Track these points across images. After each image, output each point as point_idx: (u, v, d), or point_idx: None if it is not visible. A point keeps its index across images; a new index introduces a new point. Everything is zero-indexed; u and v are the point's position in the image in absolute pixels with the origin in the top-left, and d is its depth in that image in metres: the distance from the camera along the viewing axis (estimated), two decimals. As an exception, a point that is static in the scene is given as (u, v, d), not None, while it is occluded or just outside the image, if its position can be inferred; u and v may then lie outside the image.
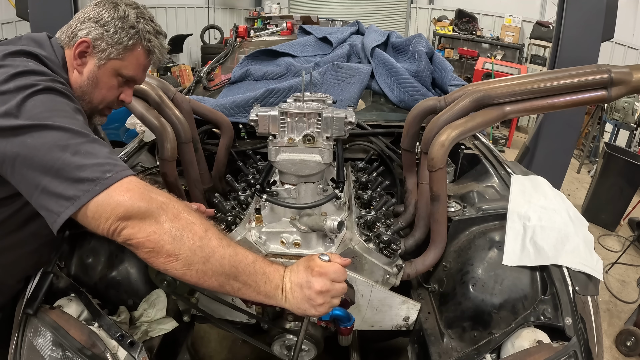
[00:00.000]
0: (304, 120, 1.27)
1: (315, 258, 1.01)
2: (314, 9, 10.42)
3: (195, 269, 0.90)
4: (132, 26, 1.13)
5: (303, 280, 0.97)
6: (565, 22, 2.95)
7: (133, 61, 1.17)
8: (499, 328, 1.25)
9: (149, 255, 0.88)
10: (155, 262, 0.88)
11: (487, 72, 7.11)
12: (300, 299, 0.97)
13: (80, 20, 1.12)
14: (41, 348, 1.09)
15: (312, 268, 0.99)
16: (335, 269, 1.00)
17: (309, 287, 0.97)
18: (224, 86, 2.56)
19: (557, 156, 3.22)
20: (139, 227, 0.87)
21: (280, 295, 0.98)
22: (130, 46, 1.14)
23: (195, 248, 0.89)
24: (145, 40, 1.16)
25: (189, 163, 1.68)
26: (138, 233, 0.87)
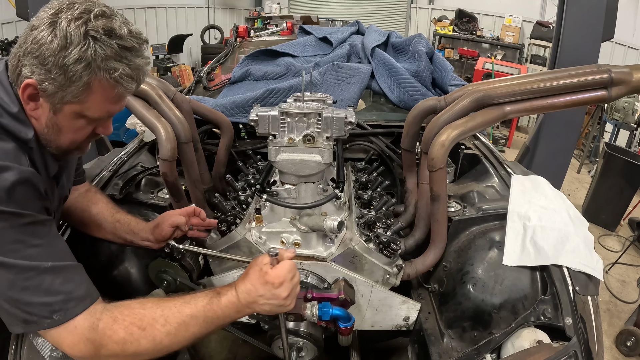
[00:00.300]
0: (304, 120, 1.27)
1: (266, 269, 1.03)
2: (314, 9, 10.41)
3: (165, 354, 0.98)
4: (79, 59, 0.85)
5: (268, 294, 1.02)
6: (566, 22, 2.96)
7: (96, 100, 0.92)
8: (499, 328, 1.25)
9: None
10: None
11: (487, 72, 7.11)
12: (271, 308, 1.04)
13: (22, 50, 0.89)
14: (41, 348, 1.09)
15: (269, 282, 1.02)
16: (289, 267, 1.04)
17: (276, 297, 1.02)
18: (224, 86, 2.55)
19: (557, 156, 3.22)
20: None
21: (245, 313, 1.05)
22: (84, 86, 0.88)
23: (154, 353, 0.96)
24: (103, 72, 0.88)
25: (189, 163, 1.68)
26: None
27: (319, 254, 1.37)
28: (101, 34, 0.87)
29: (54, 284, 0.88)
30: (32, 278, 0.86)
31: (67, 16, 0.86)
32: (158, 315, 0.95)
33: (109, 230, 1.37)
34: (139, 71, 0.95)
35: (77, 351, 0.91)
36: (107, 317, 0.93)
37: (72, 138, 0.99)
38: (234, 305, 1.02)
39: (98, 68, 0.88)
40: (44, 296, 0.87)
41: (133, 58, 0.92)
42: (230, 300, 1.02)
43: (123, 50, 0.90)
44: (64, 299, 0.89)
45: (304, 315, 1.25)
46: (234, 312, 1.02)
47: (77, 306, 0.90)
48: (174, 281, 1.38)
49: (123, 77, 0.91)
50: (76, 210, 1.35)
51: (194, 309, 0.98)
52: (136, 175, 1.72)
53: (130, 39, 0.91)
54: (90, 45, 0.86)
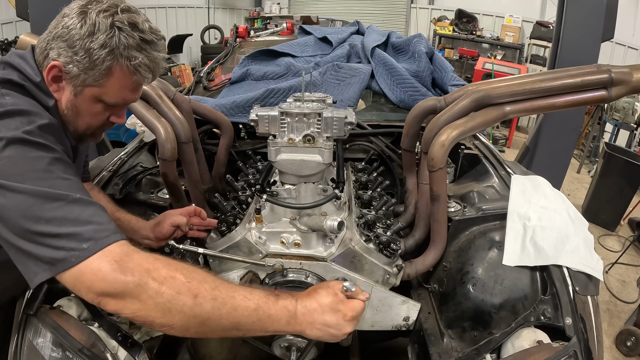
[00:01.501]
0: (304, 120, 1.27)
1: (342, 297, 0.97)
2: (314, 9, 10.42)
3: (194, 331, 0.87)
4: (104, 45, 0.93)
5: (333, 322, 0.95)
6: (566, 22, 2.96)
7: (114, 86, 0.99)
8: (499, 328, 1.25)
9: (144, 325, 0.87)
10: (152, 329, 0.87)
11: (487, 72, 7.11)
12: (322, 334, 0.96)
13: (52, 35, 0.97)
14: (41, 348, 1.09)
15: (342, 312, 0.96)
16: (362, 308, 0.99)
17: (339, 329, 0.96)
18: (224, 86, 2.55)
19: (557, 156, 3.22)
20: (122, 304, 0.83)
21: (292, 330, 0.95)
22: (106, 70, 0.96)
23: (188, 318, 0.84)
24: (124, 59, 0.96)
25: (189, 163, 1.68)
26: (123, 310, 0.83)
27: (319, 254, 1.37)
28: (125, 25, 0.95)
29: (82, 214, 0.83)
30: (61, 207, 0.82)
31: (96, 8, 0.95)
32: (210, 280, 0.88)
33: None
34: (156, 63, 1.02)
35: (100, 278, 0.80)
36: (146, 253, 0.86)
37: (88, 122, 1.05)
38: (288, 313, 0.93)
39: (120, 55, 0.95)
40: (73, 226, 0.81)
41: (151, 51, 1.00)
42: (286, 306, 0.93)
43: (143, 43, 0.98)
44: (95, 228, 0.83)
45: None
46: (285, 320, 0.93)
47: (109, 236, 0.83)
48: (174, 281, 1.37)
49: (141, 66, 0.99)
50: None
51: (248, 294, 0.90)
52: (136, 175, 1.72)
53: (150, 34, 1.00)
54: (116, 34, 0.94)
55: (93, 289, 0.81)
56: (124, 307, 0.83)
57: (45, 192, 0.82)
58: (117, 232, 0.86)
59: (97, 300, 0.83)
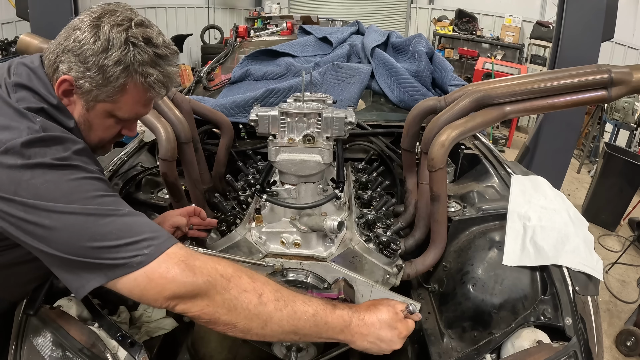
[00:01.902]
0: (304, 120, 1.27)
1: (402, 316, 1.03)
2: (314, 9, 10.42)
3: (255, 333, 0.90)
4: (118, 61, 0.91)
5: (388, 338, 1.00)
6: (565, 22, 2.96)
7: (127, 102, 0.98)
8: (499, 328, 1.25)
9: (207, 324, 0.88)
10: (214, 329, 0.89)
11: (487, 72, 7.11)
12: (370, 345, 1.00)
13: (61, 47, 0.93)
14: (41, 348, 1.09)
15: (399, 330, 1.01)
16: (412, 327, 1.04)
17: (390, 345, 1.00)
18: (224, 86, 2.56)
19: (557, 156, 3.22)
20: (191, 303, 0.86)
21: (343, 338, 0.98)
22: (120, 87, 0.94)
23: (252, 316, 0.88)
24: (139, 76, 0.94)
25: (189, 163, 1.68)
26: (191, 308, 0.86)
27: (319, 254, 1.37)
28: (140, 40, 0.93)
29: (135, 225, 0.85)
30: (114, 222, 0.83)
31: (109, 21, 0.92)
32: (272, 282, 0.92)
33: None
34: (170, 78, 1.00)
35: (170, 280, 0.82)
36: (207, 255, 0.90)
37: (100, 136, 1.03)
38: (344, 322, 0.96)
39: (135, 72, 0.93)
40: (129, 237, 0.83)
41: (166, 66, 0.98)
42: (342, 316, 0.97)
43: (157, 58, 0.96)
44: (152, 235, 0.84)
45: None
46: (339, 328, 0.96)
47: (167, 240, 0.85)
48: (174, 281, 1.37)
49: (156, 83, 0.97)
50: None
51: (307, 300, 0.94)
52: (136, 175, 1.72)
53: (164, 48, 0.98)
54: (130, 50, 0.92)
55: (164, 293, 0.83)
56: (193, 305, 0.86)
57: (96, 209, 0.83)
58: (171, 237, 0.89)
59: (166, 303, 0.85)
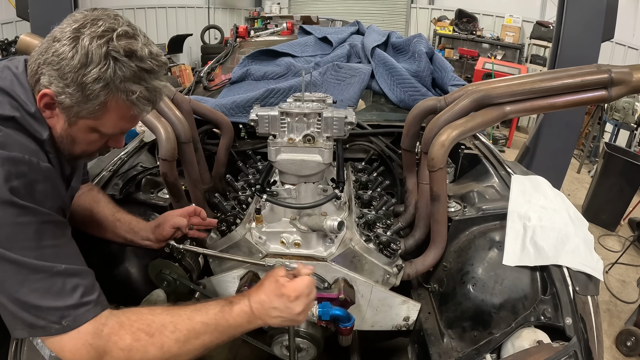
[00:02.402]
0: (304, 120, 1.27)
1: (283, 281, 1.03)
2: (314, 9, 10.42)
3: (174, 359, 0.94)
4: (97, 78, 0.85)
5: (282, 307, 1.01)
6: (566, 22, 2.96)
7: (110, 118, 0.93)
8: (499, 328, 1.25)
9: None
10: None
11: (487, 72, 7.11)
12: (282, 322, 1.03)
13: (42, 59, 0.88)
14: (41, 348, 1.09)
15: (286, 295, 1.01)
16: (307, 283, 1.04)
17: (290, 311, 1.01)
18: (224, 86, 2.55)
19: (557, 156, 3.23)
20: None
21: (255, 326, 1.02)
22: (100, 105, 0.89)
23: (162, 354, 0.92)
24: (121, 93, 0.89)
25: (189, 163, 1.68)
26: None
27: (319, 254, 1.37)
28: (122, 55, 0.87)
29: (65, 288, 0.85)
30: (44, 279, 0.83)
31: (90, 32, 0.86)
32: (167, 322, 0.93)
33: (110, 230, 1.37)
34: (156, 93, 0.95)
35: (78, 358, 0.87)
36: (113, 322, 0.90)
37: (84, 149, 1.01)
38: (246, 315, 1.00)
39: (116, 89, 0.88)
40: (54, 300, 0.84)
41: (151, 80, 0.92)
42: (242, 309, 1.00)
43: (142, 72, 0.90)
44: (76, 304, 0.86)
45: (304, 316, 1.25)
46: (245, 322, 1.00)
47: (88, 312, 0.87)
48: (174, 281, 1.38)
49: (140, 100, 0.91)
50: (78, 208, 1.35)
51: (205, 316, 0.96)
52: (136, 175, 1.72)
53: (150, 61, 0.91)
54: (110, 65, 0.86)
55: (68, 359, 0.88)
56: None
57: (30, 263, 0.82)
58: (97, 303, 0.90)
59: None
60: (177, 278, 1.37)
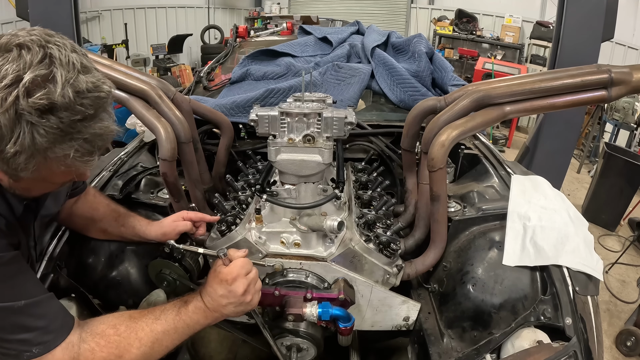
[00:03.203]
0: (304, 120, 1.27)
1: (220, 268, 1.06)
2: (314, 9, 10.41)
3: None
4: (17, 152, 0.71)
5: (225, 292, 1.04)
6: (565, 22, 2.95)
7: (56, 174, 0.82)
8: (499, 328, 1.25)
9: None
10: None
11: (487, 72, 7.12)
12: (235, 308, 1.06)
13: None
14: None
15: (224, 279, 1.04)
16: (241, 264, 1.07)
17: (234, 295, 1.04)
18: (224, 86, 2.55)
19: (557, 156, 3.22)
20: None
21: (213, 320, 1.06)
22: (34, 171, 0.76)
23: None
24: (50, 160, 0.75)
25: (189, 163, 1.68)
26: None
27: (319, 254, 1.37)
28: (36, 116, 0.69)
29: (28, 321, 0.88)
30: (7, 317, 0.85)
31: (7, 62, 0.69)
32: (132, 339, 0.97)
33: (115, 234, 1.39)
34: (100, 138, 0.79)
35: None
36: (85, 350, 0.94)
37: (42, 191, 0.96)
38: (201, 310, 1.04)
39: (44, 157, 0.74)
40: (20, 333, 0.87)
41: (88, 129, 0.75)
42: (196, 306, 1.04)
43: (73, 124, 0.73)
44: (41, 332, 0.89)
45: (304, 315, 1.25)
46: (202, 317, 1.04)
47: (56, 338, 0.91)
48: (174, 281, 1.38)
49: (77, 158, 0.77)
50: (78, 217, 1.35)
51: (164, 324, 1.01)
52: (136, 175, 1.72)
53: (80, 106, 0.72)
54: (26, 132, 0.70)
55: None
56: None
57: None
58: (62, 326, 0.93)
59: None
60: (177, 278, 1.37)
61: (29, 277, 0.94)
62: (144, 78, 1.63)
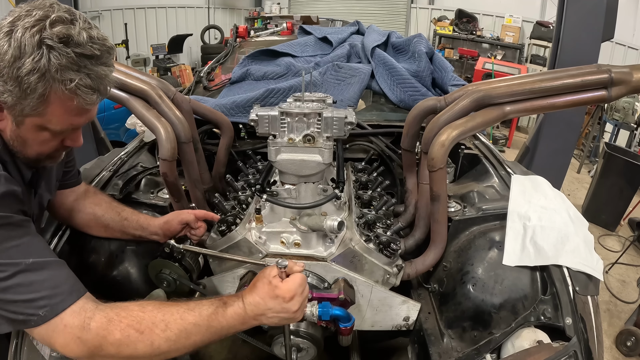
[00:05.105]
0: (304, 120, 1.27)
1: (276, 282, 1.01)
2: (314, 9, 10.41)
3: (164, 356, 0.95)
4: (32, 70, 0.81)
5: (279, 308, 1.00)
6: (566, 22, 2.95)
7: (55, 113, 0.89)
8: (499, 328, 1.25)
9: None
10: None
11: (487, 72, 7.11)
12: (280, 321, 1.02)
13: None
14: (41, 348, 1.09)
15: (280, 296, 0.99)
16: (300, 281, 1.02)
17: (286, 311, 1.00)
18: (224, 86, 2.55)
19: (557, 156, 3.22)
20: None
21: (249, 326, 1.02)
22: (40, 98, 0.85)
23: (152, 357, 0.93)
24: (59, 83, 0.83)
25: (189, 163, 1.68)
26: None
27: (319, 254, 1.37)
28: (56, 42, 0.82)
29: (36, 280, 0.86)
30: (14, 276, 0.84)
31: (23, 24, 0.82)
32: (158, 320, 0.92)
33: (117, 229, 1.38)
34: (101, 80, 0.89)
35: (69, 351, 0.89)
36: (100, 316, 0.90)
37: (38, 150, 0.97)
38: (240, 317, 0.99)
39: (53, 79, 0.83)
40: (27, 293, 0.85)
41: (93, 67, 0.87)
42: (236, 311, 0.99)
43: (81, 59, 0.85)
44: (49, 294, 0.86)
45: (304, 315, 1.25)
46: (239, 323, 0.99)
47: (64, 301, 0.88)
48: (174, 281, 1.38)
49: (80, 88, 0.86)
50: (79, 213, 1.35)
51: (197, 317, 0.95)
52: (136, 175, 1.72)
53: (90, 46, 0.86)
54: (44, 54, 0.82)
55: (66, 355, 0.90)
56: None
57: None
58: (72, 290, 0.90)
59: None
60: (177, 278, 1.37)
61: (38, 241, 0.93)
62: (144, 78, 1.63)
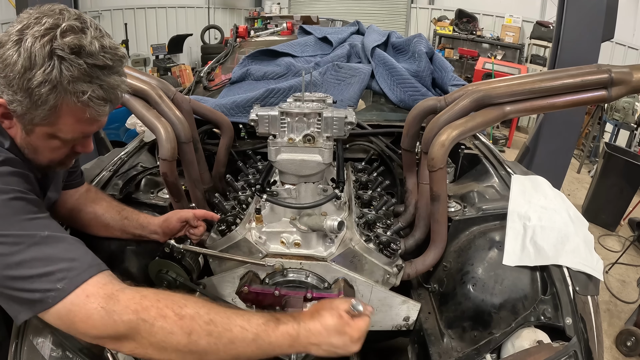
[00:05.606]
0: (304, 120, 1.27)
1: (347, 318, 0.93)
2: (314, 9, 10.41)
3: (197, 357, 0.84)
4: (43, 82, 0.80)
5: (340, 344, 0.92)
6: (566, 22, 2.96)
7: (66, 123, 0.88)
8: (499, 328, 1.25)
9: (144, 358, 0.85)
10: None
11: (487, 72, 7.11)
12: (328, 354, 0.93)
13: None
14: (41, 348, 1.09)
15: (349, 334, 0.92)
16: (367, 325, 0.96)
17: (346, 349, 0.93)
18: (224, 86, 2.55)
19: (557, 156, 3.22)
20: (119, 344, 0.83)
21: (295, 351, 0.94)
22: (51, 109, 0.84)
23: (184, 354, 0.83)
24: (71, 95, 0.82)
25: (189, 163, 1.68)
26: (121, 348, 0.84)
27: (319, 254, 1.37)
28: (68, 52, 0.81)
29: (53, 254, 0.81)
30: (29, 248, 0.79)
31: (33, 32, 0.80)
32: (203, 312, 0.84)
33: (118, 228, 1.38)
34: (113, 91, 0.88)
35: (90, 327, 0.79)
36: (131, 290, 0.83)
37: (49, 157, 0.96)
38: (291, 338, 0.88)
39: (65, 91, 0.82)
40: (42, 267, 0.79)
41: (105, 77, 0.86)
42: (288, 331, 0.88)
43: (94, 70, 0.84)
44: (67, 267, 0.80)
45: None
46: (287, 344, 0.89)
47: (84, 272, 0.81)
48: (174, 281, 1.38)
49: (93, 100, 0.85)
50: (79, 212, 1.35)
51: (246, 323, 0.86)
52: (136, 175, 1.72)
53: (102, 56, 0.85)
54: (56, 65, 0.80)
55: (88, 335, 0.82)
56: (122, 346, 0.83)
57: (10, 233, 0.79)
58: (92, 264, 0.85)
59: (95, 342, 0.84)
60: (177, 278, 1.37)
61: (53, 221, 0.89)
62: (144, 78, 1.63)
